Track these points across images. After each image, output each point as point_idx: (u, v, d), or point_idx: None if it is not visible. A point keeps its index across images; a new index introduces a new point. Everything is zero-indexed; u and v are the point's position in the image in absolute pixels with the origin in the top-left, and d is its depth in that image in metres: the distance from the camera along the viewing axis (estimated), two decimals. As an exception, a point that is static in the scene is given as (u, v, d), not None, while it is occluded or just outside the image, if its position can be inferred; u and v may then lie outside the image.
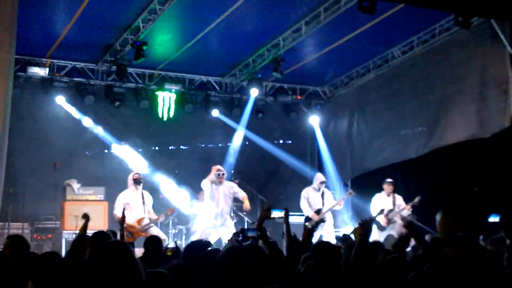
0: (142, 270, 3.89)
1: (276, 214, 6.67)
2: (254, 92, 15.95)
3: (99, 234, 7.02)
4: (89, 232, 8.30)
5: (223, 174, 12.73)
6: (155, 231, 12.25)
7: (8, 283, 4.40)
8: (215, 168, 12.74)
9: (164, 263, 6.21)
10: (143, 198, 12.34)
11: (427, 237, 12.23)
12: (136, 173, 12.57)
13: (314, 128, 17.75)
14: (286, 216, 6.65)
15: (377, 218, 13.15)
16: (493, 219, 11.05)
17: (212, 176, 12.63)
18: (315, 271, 5.16)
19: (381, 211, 12.75)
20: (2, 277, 4.49)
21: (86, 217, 8.85)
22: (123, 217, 9.01)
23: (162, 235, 11.99)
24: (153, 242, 7.49)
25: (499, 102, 12.18)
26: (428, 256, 5.19)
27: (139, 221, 12.07)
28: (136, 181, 12.39)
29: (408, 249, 8.18)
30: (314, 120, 17.58)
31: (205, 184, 12.62)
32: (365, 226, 5.38)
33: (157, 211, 12.64)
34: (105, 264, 3.70)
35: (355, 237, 5.47)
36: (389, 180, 13.43)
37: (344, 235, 9.88)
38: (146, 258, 6.97)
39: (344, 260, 5.28)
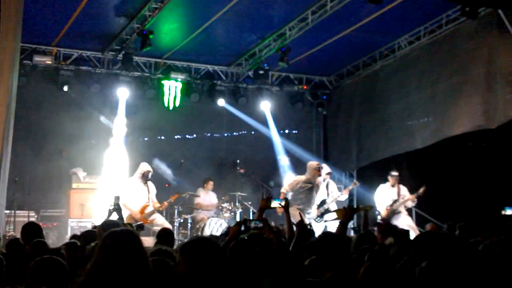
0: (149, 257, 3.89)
1: (276, 204, 6.67)
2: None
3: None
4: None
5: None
6: (159, 219, 12.28)
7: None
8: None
9: None
10: (148, 186, 12.34)
11: (427, 227, 12.28)
12: (147, 170, 12.40)
13: (319, 118, 17.73)
14: (286, 206, 6.67)
15: (379, 209, 13.19)
16: (509, 211, 10.81)
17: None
18: (319, 260, 5.17)
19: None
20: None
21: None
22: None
23: (166, 224, 12.01)
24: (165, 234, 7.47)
25: (506, 92, 12.12)
26: None
27: (143, 208, 12.08)
28: (145, 177, 12.33)
29: None
30: (320, 110, 17.55)
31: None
32: (347, 212, 5.52)
33: (162, 201, 12.66)
34: (113, 251, 3.70)
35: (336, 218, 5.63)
36: (394, 173, 13.38)
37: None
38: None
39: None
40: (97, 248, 3.78)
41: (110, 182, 14.06)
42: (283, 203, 6.70)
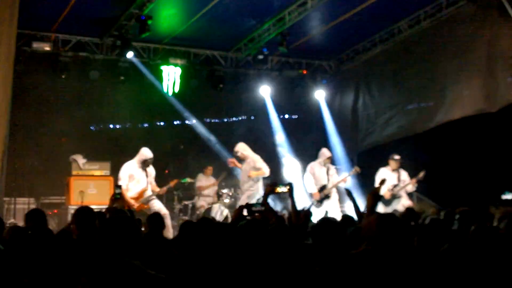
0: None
1: (280, 189, 6.67)
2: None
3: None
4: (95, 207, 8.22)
5: None
6: (157, 203, 12.25)
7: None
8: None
9: None
10: (146, 170, 12.29)
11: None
12: (150, 157, 12.28)
13: (320, 103, 17.69)
14: (291, 191, 6.67)
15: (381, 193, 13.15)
16: (508, 196, 10.80)
17: None
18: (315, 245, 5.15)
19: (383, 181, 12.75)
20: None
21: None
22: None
23: (163, 209, 11.97)
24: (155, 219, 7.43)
25: (507, 76, 12.10)
26: None
27: (141, 193, 12.05)
28: (146, 164, 12.26)
29: None
30: (320, 95, 17.49)
31: None
32: (374, 196, 5.58)
33: (161, 186, 12.63)
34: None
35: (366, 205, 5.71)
36: (397, 157, 13.35)
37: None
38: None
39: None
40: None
41: (110, 169, 14.07)
42: (287, 189, 6.71)
